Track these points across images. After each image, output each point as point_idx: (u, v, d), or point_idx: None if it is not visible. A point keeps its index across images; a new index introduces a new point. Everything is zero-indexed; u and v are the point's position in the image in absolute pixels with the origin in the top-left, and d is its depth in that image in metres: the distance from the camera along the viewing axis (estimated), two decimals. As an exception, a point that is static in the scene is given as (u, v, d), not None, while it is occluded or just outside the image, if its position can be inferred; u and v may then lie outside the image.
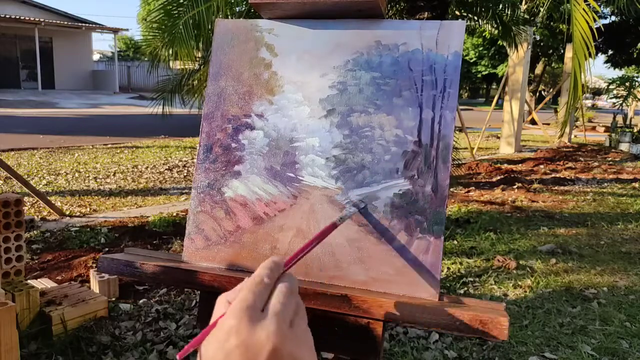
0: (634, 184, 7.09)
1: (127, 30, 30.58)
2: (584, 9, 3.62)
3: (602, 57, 23.67)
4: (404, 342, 2.56)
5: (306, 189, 0.86)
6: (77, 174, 6.60)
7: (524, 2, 7.13)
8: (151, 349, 2.39)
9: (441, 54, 0.84)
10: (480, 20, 6.05)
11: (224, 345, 0.44)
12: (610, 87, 12.46)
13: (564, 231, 4.65)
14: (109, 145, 9.34)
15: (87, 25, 24.00)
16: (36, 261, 3.43)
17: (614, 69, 23.64)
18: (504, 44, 6.97)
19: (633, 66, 25.09)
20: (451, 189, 6.10)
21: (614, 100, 12.62)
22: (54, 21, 21.96)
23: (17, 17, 19.98)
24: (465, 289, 3.27)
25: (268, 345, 0.43)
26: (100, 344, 2.38)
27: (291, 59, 0.91)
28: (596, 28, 3.66)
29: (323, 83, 0.88)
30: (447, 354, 2.47)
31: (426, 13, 4.67)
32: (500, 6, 5.83)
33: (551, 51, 20.25)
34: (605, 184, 7.13)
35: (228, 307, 0.47)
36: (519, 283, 3.36)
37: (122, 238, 3.94)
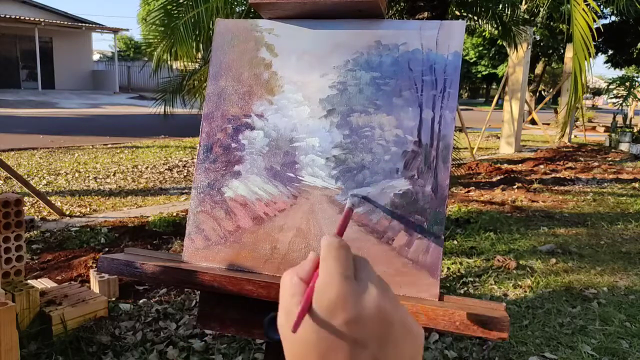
0: (634, 184, 7.09)
1: (127, 30, 30.60)
2: (583, 9, 3.62)
3: (602, 57, 23.67)
4: (404, 342, 2.55)
5: (306, 189, 0.86)
6: (77, 174, 6.60)
7: (524, 2, 7.13)
8: (151, 349, 2.39)
9: (441, 54, 0.84)
10: (480, 20, 6.05)
11: (333, 321, 0.40)
12: (610, 87, 12.46)
13: (564, 231, 4.65)
14: (109, 145, 9.34)
15: (87, 25, 24.00)
16: (36, 261, 3.43)
17: (614, 69, 23.65)
18: (504, 44, 6.97)
19: (633, 66, 25.10)
20: (451, 189, 6.10)
21: (613, 100, 12.62)
22: (54, 21, 21.96)
23: (17, 17, 19.98)
24: (465, 289, 3.27)
25: (377, 315, 0.40)
26: (100, 344, 2.38)
27: (291, 59, 0.91)
28: (596, 28, 3.66)
29: (323, 83, 0.88)
30: (447, 354, 2.47)
31: (426, 13, 4.67)
32: (500, 6, 5.83)
33: (551, 51, 20.24)
34: (605, 184, 7.13)
35: (303, 287, 0.42)
36: (519, 283, 3.36)
37: (122, 238, 3.94)
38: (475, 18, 5.95)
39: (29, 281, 2.68)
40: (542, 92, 29.44)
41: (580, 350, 2.53)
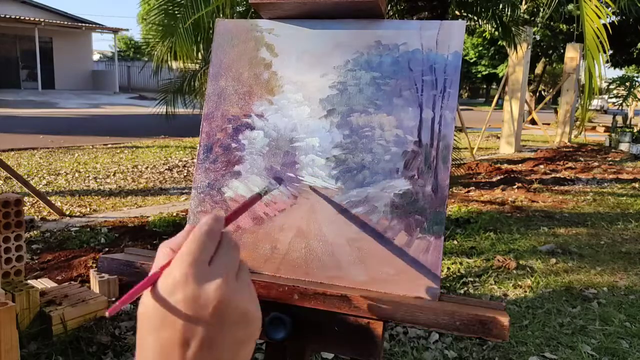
0: (634, 184, 7.09)
1: (127, 30, 30.61)
2: (595, 5, 3.61)
3: (601, 57, 23.62)
4: (404, 342, 2.56)
5: (306, 189, 0.86)
6: (77, 174, 6.60)
7: (524, 2, 7.13)
8: (151, 349, 2.39)
9: (441, 54, 0.84)
10: (480, 20, 6.05)
11: (170, 298, 0.43)
12: (610, 87, 12.46)
13: (564, 231, 4.65)
14: (109, 145, 9.34)
15: (87, 25, 24.00)
16: (36, 261, 3.43)
17: (614, 68, 23.63)
18: (504, 44, 6.98)
19: (633, 66, 25.08)
20: (451, 189, 6.10)
21: (613, 100, 12.62)
22: (54, 21, 21.96)
23: (17, 17, 19.98)
24: (465, 289, 3.27)
25: (215, 299, 0.43)
26: (100, 344, 2.38)
27: (291, 59, 0.91)
28: (602, 25, 3.63)
29: (323, 83, 0.88)
30: (447, 354, 2.47)
31: (426, 13, 4.68)
32: (500, 6, 5.83)
33: (551, 51, 20.23)
34: (605, 184, 7.13)
35: (172, 256, 0.45)
36: (519, 283, 3.36)
37: (122, 238, 3.94)
38: (475, 18, 5.95)
39: (29, 281, 2.68)
40: (542, 92, 29.43)
41: (580, 350, 2.53)
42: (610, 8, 4.13)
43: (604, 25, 3.69)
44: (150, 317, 0.44)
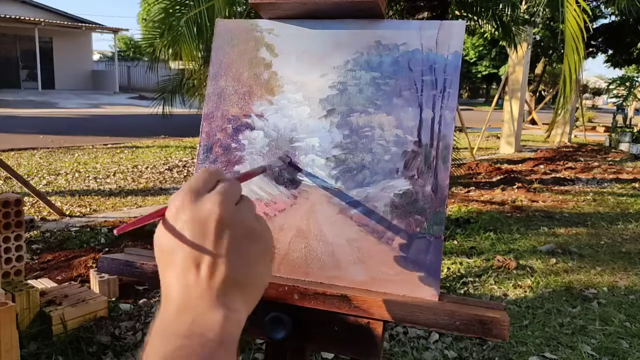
0: (634, 184, 7.09)
1: (127, 30, 30.62)
2: (574, 9, 3.61)
3: (602, 57, 23.64)
4: (404, 342, 2.56)
5: (306, 189, 0.86)
6: (77, 174, 6.60)
7: (523, 2, 7.13)
8: (151, 349, 2.39)
9: (441, 54, 0.84)
10: (480, 20, 6.05)
11: (175, 225, 0.45)
12: (610, 87, 12.46)
13: (564, 231, 4.65)
14: (109, 145, 9.34)
15: (87, 25, 24.00)
16: (36, 261, 3.43)
17: (614, 68, 23.64)
18: (504, 44, 6.98)
19: (633, 66, 25.08)
20: (451, 189, 6.10)
21: (613, 100, 12.61)
22: (54, 21, 21.96)
23: (17, 17, 19.97)
24: (465, 289, 3.27)
25: (214, 214, 0.45)
26: (100, 344, 2.38)
27: (291, 59, 0.91)
28: (594, 28, 3.64)
29: (323, 83, 0.88)
30: (447, 354, 2.47)
31: (426, 13, 4.68)
32: (500, 6, 5.83)
33: (551, 51, 20.23)
34: (605, 184, 7.12)
35: None
36: (519, 283, 3.36)
37: (122, 238, 3.94)
38: (475, 18, 5.95)
39: (29, 281, 2.68)
40: (542, 92, 29.41)
41: (580, 350, 2.53)
42: (589, 14, 4.13)
43: (595, 29, 3.69)
44: (164, 247, 0.46)
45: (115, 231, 0.48)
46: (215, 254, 0.44)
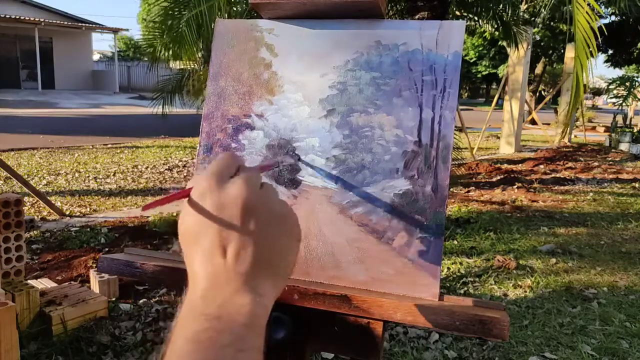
0: (634, 184, 7.09)
1: (127, 30, 30.63)
2: (586, 11, 3.62)
3: (602, 57, 23.65)
4: (404, 342, 2.56)
5: (306, 189, 0.86)
6: (77, 174, 6.60)
7: (524, 2, 7.13)
8: (151, 349, 2.39)
9: (441, 54, 0.84)
10: (480, 21, 6.05)
11: (202, 207, 0.45)
12: (610, 87, 12.45)
13: (564, 231, 4.65)
14: (109, 145, 9.34)
15: (87, 25, 24.00)
16: (36, 261, 3.43)
17: (614, 68, 23.63)
18: (504, 44, 6.98)
19: (633, 66, 25.08)
20: (451, 189, 6.10)
21: (614, 100, 12.61)
22: (54, 21, 21.95)
23: (17, 17, 19.97)
24: (465, 289, 3.27)
25: (240, 198, 0.45)
26: (100, 344, 2.38)
27: (291, 59, 0.91)
28: (597, 27, 3.65)
29: (323, 83, 0.88)
30: (447, 354, 2.47)
31: (426, 13, 4.67)
32: (501, 5, 5.83)
33: (551, 51, 20.23)
34: (605, 184, 7.12)
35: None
36: (519, 283, 3.36)
37: (122, 238, 3.94)
38: (476, 18, 5.95)
39: (29, 281, 2.68)
40: (542, 92, 29.42)
41: (580, 350, 2.53)
42: (601, 13, 4.14)
43: (599, 27, 3.69)
44: (189, 228, 0.46)
45: (142, 209, 0.49)
46: (242, 237, 0.44)
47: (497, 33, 6.24)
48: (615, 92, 12.32)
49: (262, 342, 0.42)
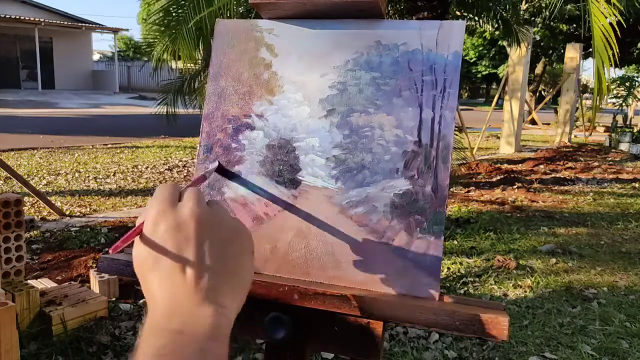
0: (634, 184, 7.09)
1: (127, 30, 30.63)
2: (603, 7, 3.59)
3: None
4: (404, 342, 2.56)
5: (306, 189, 0.86)
6: (77, 174, 6.60)
7: (524, 2, 7.13)
8: (151, 349, 2.39)
9: (441, 54, 0.84)
10: (480, 20, 6.05)
11: (155, 235, 0.46)
12: (610, 87, 12.45)
13: (564, 231, 4.65)
14: (109, 145, 9.34)
15: (87, 25, 24.00)
16: (36, 261, 3.43)
17: (614, 68, 23.65)
18: (504, 43, 6.98)
19: (633, 66, 25.07)
20: (451, 189, 6.10)
21: (613, 100, 12.62)
22: (54, 21, 21.96)
23: (17, 17, 19.97)
24: (465, 289, 3.27)
25: (193, 217, 0.46)
26: (100, 344, 2.38)
27: (291, 59, 0.91)
28: (609, 24, 3.61)
29: (323, 83, 0.88)
30: (447, 354, 2.47)
31: (426, 13, 4.67)
32: (501, 5, 5.83)
33: (551, 51, 20.22)
34: (605, 184, 7.12)
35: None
36: (519, 283, 3.36)
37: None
38: (476, 18, 5.95)
39: (29, 281, 2.68)
40: (542, 92, 29.41)
41: (580, 350, 2.53)
42: (622, 10, 4.12)
43: (611, 25, 3.66)
44: (146, 257, 0.47)
45: (110, 250, 0.49)
46: (200, 254, 0.45)
47: (497, 33, 6.24)
48: (615, 92, 12.32)
49: (226, 351, 0.43)
